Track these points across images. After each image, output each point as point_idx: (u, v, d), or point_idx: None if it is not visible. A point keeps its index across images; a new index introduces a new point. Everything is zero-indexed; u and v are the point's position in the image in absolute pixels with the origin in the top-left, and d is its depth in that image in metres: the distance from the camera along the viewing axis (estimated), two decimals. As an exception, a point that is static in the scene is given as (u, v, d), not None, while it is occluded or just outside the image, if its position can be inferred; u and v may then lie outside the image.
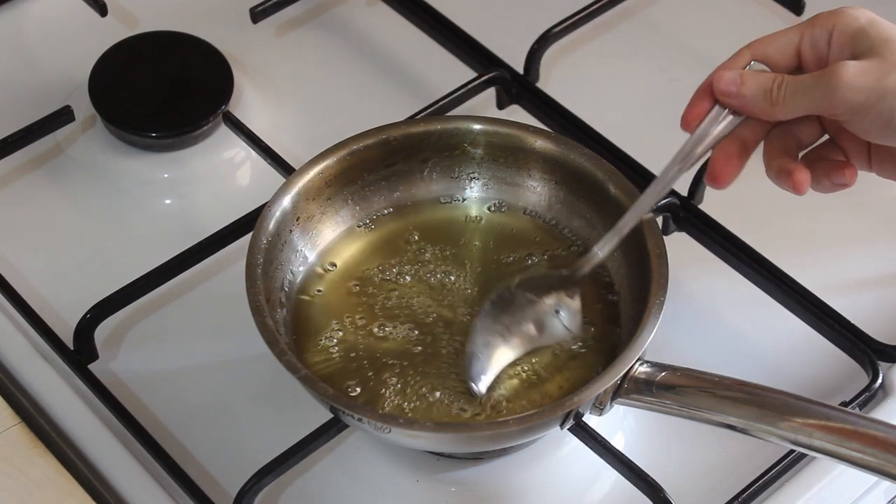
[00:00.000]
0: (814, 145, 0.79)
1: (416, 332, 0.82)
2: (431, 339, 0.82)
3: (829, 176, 0.78)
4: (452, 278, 0.85)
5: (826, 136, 0.79)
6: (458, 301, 0.84)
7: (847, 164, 0.78)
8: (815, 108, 0.74)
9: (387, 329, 0.82)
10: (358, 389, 0.79)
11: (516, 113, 0.99)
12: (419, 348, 0.81)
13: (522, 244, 0.86)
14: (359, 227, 0.87)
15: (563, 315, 0.81)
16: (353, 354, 0.81)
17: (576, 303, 0.81)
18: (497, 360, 0.79)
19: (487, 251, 0.86)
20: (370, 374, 0.80)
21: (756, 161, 0.97)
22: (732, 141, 0.77)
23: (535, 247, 0.86)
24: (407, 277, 0.85)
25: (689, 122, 0.78)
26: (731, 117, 0.77)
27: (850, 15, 0.75)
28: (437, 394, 0.79)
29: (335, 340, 0.82)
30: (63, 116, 0.97)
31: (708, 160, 0.78)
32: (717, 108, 0.77)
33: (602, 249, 0.80)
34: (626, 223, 0.79)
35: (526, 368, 0.80)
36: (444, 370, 0.80)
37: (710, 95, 0.77)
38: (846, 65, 0.73)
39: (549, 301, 0.81)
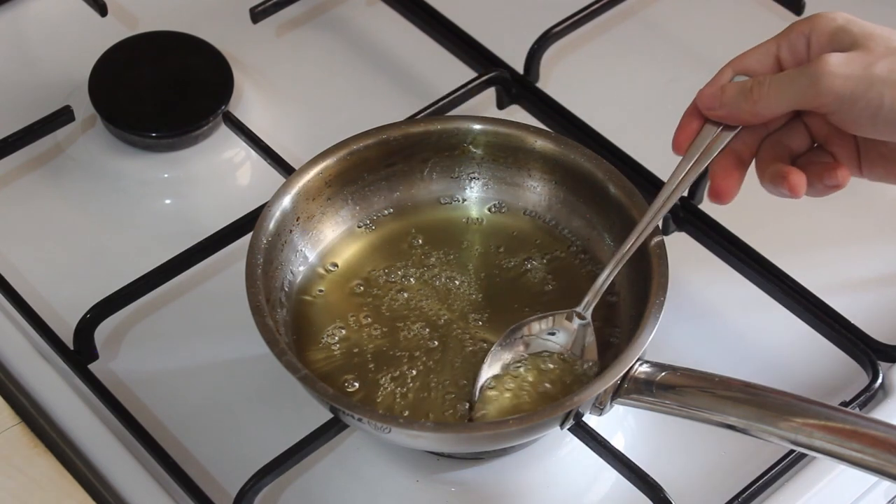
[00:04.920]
0: (804, 154, 0.79)
1: (419, 332, 0.82)
2: (431, 338, 0.82)
3: (822, 178, 0.77)
4: (452, 279, 0.85)
5: (815, 145, 0.79)
6: (458, 301, 0.84)
7: (838, 165, 0.78)
8: (800, 99, 0.74)
9: (387, 329, 0.82)
10: (356, 385, 0.79)
11: (516, 113, 0.99)
12: (419, 349, 0.81)
13: (522, 244, 0.86)
14: (359, 227, 0.87)
15: (558, 336, 0.80)
16: (353, 354, 0.81)
17: (573, 325, 0.80)
18: (482, 372, 0.79)
19: (488, 252, 0.86)
20: (370, 374, 0.80)
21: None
22: (727, 156, 0.78)
23: (535, 248, 0.86)
24: (407, 278, 0.85)
25: (679, 144, 0.78)
26: (721, 133, 0.77)
27: (825, 17, 0.76)
28: (438, 394, 0.79)
29: (336, 340, 0.82)
30: (63, 116, 0.97)
31: (708, 178, 0.78)
32: (706, 126, 0.78)
33: (603, 280, 0.79)
34: (623, 253, 0.79)
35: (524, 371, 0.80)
36: (445, 370, 0.80)
37: (697, 116, 0.78)
38: (830, 55, 0.73)
39: (543, 325, 0.80)
